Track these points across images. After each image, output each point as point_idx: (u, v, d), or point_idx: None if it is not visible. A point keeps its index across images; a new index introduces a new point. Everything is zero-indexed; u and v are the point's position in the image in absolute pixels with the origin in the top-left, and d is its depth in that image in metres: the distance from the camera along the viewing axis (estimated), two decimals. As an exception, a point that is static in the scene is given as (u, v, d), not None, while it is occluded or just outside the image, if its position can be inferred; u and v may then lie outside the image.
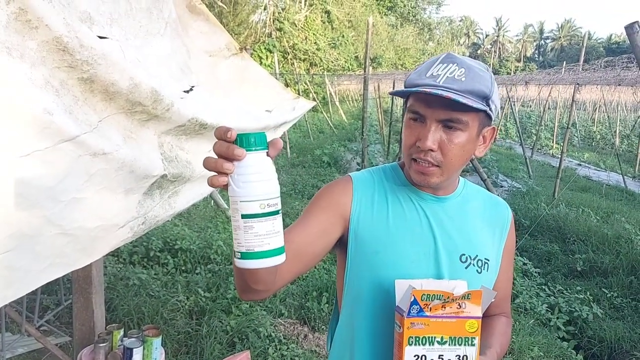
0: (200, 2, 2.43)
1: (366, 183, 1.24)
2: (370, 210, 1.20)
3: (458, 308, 1.01)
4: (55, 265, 1.22)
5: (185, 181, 1.77)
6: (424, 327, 1.01)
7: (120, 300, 3.79)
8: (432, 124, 1.08)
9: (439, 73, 1.07)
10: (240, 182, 0.80)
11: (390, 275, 1.14)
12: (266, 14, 25.28)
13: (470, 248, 1.21)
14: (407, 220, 1.19)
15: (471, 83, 1.06)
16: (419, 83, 1.08)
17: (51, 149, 1.12)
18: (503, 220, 1.29)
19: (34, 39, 1.10)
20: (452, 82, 1.05)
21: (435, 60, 1.12)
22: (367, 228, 1.19)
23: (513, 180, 10.41)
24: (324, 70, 25.87)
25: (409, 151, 1.13)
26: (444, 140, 1.09)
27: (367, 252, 1.18)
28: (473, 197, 1.29)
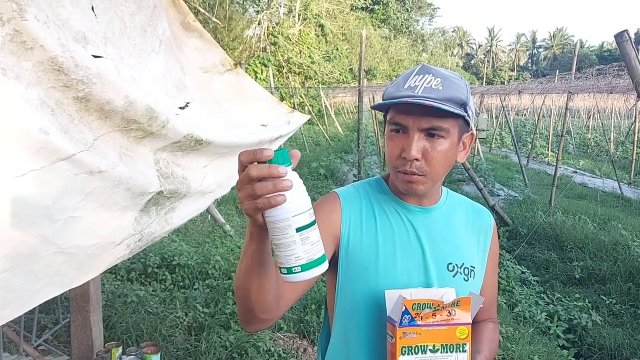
0: (194, 19, 2.45)
1: (352, 199, 1.25)
2: (359, 226, 1.21)
3: (448, 315, 1.02)
4: (52, 284, 1.23)
5: (181, 197, 1.78)
6: (416, 336, 1.02)
7: (119, 317, 3.76)
8: (415, 134, 1.10)
9: (417, 84, 1.09)
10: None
11: (381, 288, 1.16)
12: (260, 28, 25.48)
13: (456, 257, 1.23)
14: (395, 233, 1.21)
15: (448, 91, 1.09)
16: (397, 95, 1.10)
17: (47, 169, 1.13)
18: (486, 227, 1.32)
19: (29, 59, 1.12)
20: (429, 91, 1.08)
21: (411, 72, 1.14)
22: (357, 244, 1.20)
23: (509, 188, 10.44)
24: (318, 83, 26.02)
25: (394, 163, 1.14)
26: (427, 149, 1.11)
27: (358, 268, 1.19)
28: (456, 206, 1.31)
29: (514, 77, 71.69)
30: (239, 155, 0.82)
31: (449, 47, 78.25)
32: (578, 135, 21.42)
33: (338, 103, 30.77)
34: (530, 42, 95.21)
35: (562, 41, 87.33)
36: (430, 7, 57.96)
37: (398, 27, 46.97)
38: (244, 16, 24.63)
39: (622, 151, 16.63)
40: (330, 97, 26.02)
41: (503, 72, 78.70)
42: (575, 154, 17.89)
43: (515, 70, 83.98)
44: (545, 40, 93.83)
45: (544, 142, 18.23)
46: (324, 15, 28.48)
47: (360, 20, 35.53)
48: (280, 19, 26.87)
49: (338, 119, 25.60)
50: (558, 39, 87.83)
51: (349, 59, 30.47)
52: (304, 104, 20.59)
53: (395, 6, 45.80)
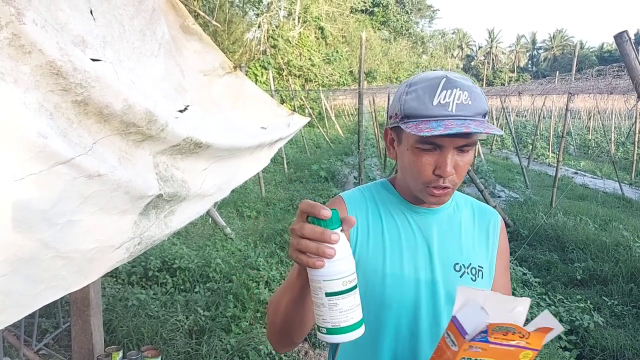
0: (193, 22, 2.45)
1: (358, 203, 1.26)
2: (366, 229, 1.22)
3: (521, 338, 0.97)
4: (51, 288, 1.22)
5: (181, 200, 1.78)
6: (481, 351, 0.97)
7: (119, 321, 3.76)
8: (450, 151, 1.09)
9: (447, 101, 1.07)
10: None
11: (388, 291, 1.17)
12: (260, 31, 25.51)
13: (463, 257, 1.23)
14: (401, 235, 1.22)
15: (475, 104, 1.08)
16: (428, 114, 1.07)
17: (46, 172, 1.12)
18: (493, 226, 1.32)
19: (27, 63, 1.12)
20: (462, 108, 1.07)
21: (435, 86, 1.09)
22: (364, 248, 1.21)
23: (510, 190, 10.43)
24: (319, 85, 26.05)
25: (425, 179, 1.13)
26: (458, 163, 1.12)
27: (366, 271, 1.19)
28: (463, 206, 1.31)
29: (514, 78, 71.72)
30: (301, 203, 0.85)
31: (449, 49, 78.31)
32: (579, 136, 21.41)
33: (338, 105, 30.78)
34: (530, 43, 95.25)
35: (562, 42, 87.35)
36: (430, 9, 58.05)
37: (398, 30, 47.02)
38: (243, 19, 24.65)
39: (623, 152, 16.61)
40: (331, 99, 26.04)
41: (503, 73, 78.74)
42: (576, 155, 17.88)
43: (515, 72, 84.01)
44: (545, 41, 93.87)
45: (545, 143, 18.22)
46: (323, 18, 28.52)
47: (360, 23, 35.58)
48: (280, 22, 26.90)
49: (338, 122, 25.62)
50: (558, 40, 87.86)
51: (349, 62, 30.50)
52: (304, 106, 20.60)
53: (395, 8, 45.87)
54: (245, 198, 8.39)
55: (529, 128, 21.20)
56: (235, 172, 2.36)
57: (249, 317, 4.05)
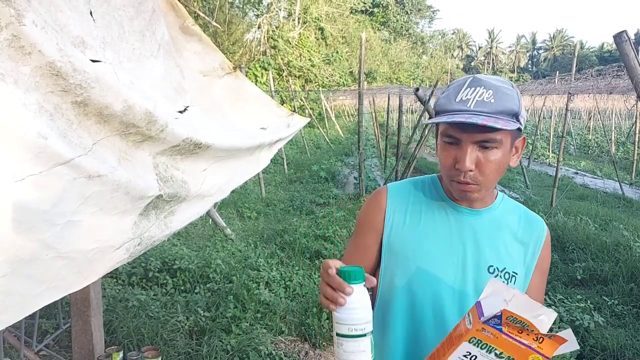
0: (193, 23, 2.46)
1: (402, 194, 1.32)
2: (402, 219, 1.28)
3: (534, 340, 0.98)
4: (51, 289, 1.23)
5: (181, 201, 1.78)
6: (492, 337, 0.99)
7: (120, 322, 3.76)
8: (468, 146, 1.12)
9: (469, 97, 1.11)
10: (338, 307, 0.98)
11: (418, 280, 1.24)
12: (260, 32, 25.51)
13: (499, 260, 1.26)
14: (437, 230, 1.26)
15: (500, 103, 1.10)
16: (449, 109, 1.13)
17: (46, 173, 1.13)
18: (537, 237, 1.31)
19: (27, 64, 1.12)
20: (482, 105, 1.10)
21: (462, 83, 1.15)
22: (398, 236, 1.28)
23: (511, 190, 10.42)
24: (319, 86, 26.04)
25: (448, 173, 1.18)
26: (480, 159, 1.14)
27: (399, 258, 1.27)
28: (509, 211, 1.32)
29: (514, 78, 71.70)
30: (327, 263, 1.02)
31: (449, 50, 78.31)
32: (579, 136, 21.41)
33: (338, 106, 30.79)
34: (530, 43, 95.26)
35: (562, 42, 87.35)
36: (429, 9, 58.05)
37: (398, 30, 47.02)
38: (243, 20, 24.66)
39: (623, 152, 16.61)
40: (331, 100, 26.04)
41: (503, 73, 78.72)
42: (576, 155, 17.87)
43: (515, 72, 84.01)
44: (545, 41, 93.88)
45: (545, 143, 18.22)
46: (323, 19, 28.51)
47: (360, 23, 35.58)
48: (280, 22, 26.90)
49: (338, 122, 25.62)
50: (558, 40, 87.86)
51: (349, 62, 30.50)
52: (304, 107, 20.61)
53: (394, 9, 45.87)
54: (245, 199, 8.39)
55: (529, 128, 21.18)
56: (235, 172, 2.36)
57: (250, 318, 4.05)
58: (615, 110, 21.09)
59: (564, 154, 9.95)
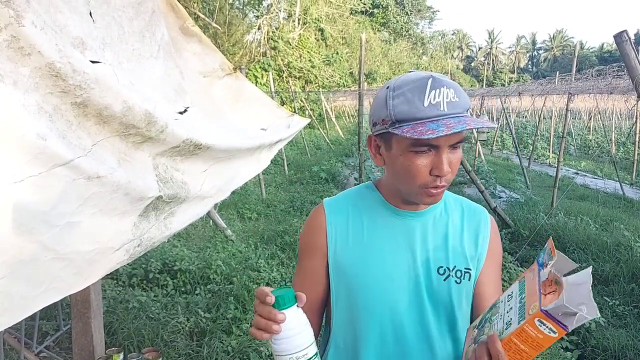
0: (193, 24, 2.46)
1: (340, 210, 1.26)
2: (345, 236, 1.23)
3: (549, 285, 0.93)
4: (51, 290, 1.22)
5: (181, 202, 1.78)
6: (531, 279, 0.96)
7: (120, 323, 3.76)
8: (445, 150, 1.09)
9: (438, 100, 1.06)
10: (274, 338, 0.94)
11: (371, 295, 1.19)
12: (260, 33, 25.53)
13: (448, 260, 1.22)
14: (383, 240, 1.22)
15: (463, 100, 1.08)
16: (422, 116, 1.06)
17: (45, 174, 1.12)
18: (483, 227, 1.29)
19: (26, 65, 1.12)
20: (453, 106, 1.06)
21: (423, 86, 1.07)
22: (344, 254, 1.22)
23: (511, 190, 10.41)
24: (319, 87, 26.05)
25: (422, 181, 1.11)
26: (451, 160, 1.10)
27: (349, 278, 1.21)
28: (452, 207, 1.30)
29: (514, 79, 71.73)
30: (259, 291, 0.98)
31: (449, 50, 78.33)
32: (579, 136, 21.40)
33: (339, 107, 30.80)
34: (530, 44, 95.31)
35: (562, 43, 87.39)
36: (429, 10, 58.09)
37: (398, 31, 47.03)
38: (243, 21, 24.69)
39: (624, 152, 16.60)
40: (331, 100, 26.04)
41: (503, 74, 78.75)
42: (577, 155, 17.87)
43: (515, 72, 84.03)
44: (545, 42, 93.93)
45: (545, 143, 18.21)
46: (323, 20, 28.52)
47: (360, 24, 35.59)
48: (280, 23, 26.92)
49: (339, 123, 25.62)
50: (558, 41, 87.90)
51: (349, 63, 30.51)
52: (304, 108, 20.61)
53: (394, 10, 45.88)
54: (245, 200, 8.38)
55: (529, 128, 21.19)
56: (235, 173, 2.36)
57: (250, 319, 4.04)
58: (616, 111, 21.09)
59: (564, 155, 9.95)
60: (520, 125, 22.19)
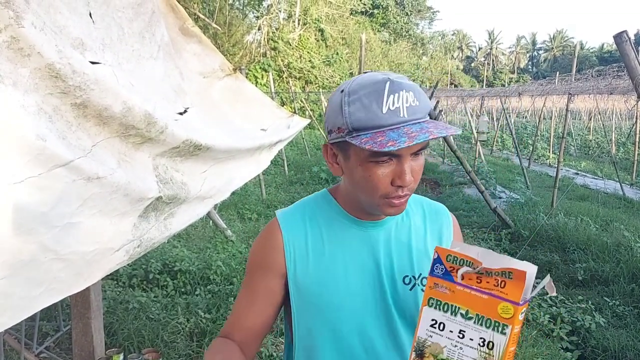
0: (193, 24, 2.46)
1: (296, 224, 1.17)
2: (305, 254, 1.14)
3: (495, 285, 0.86)
4: (50, 291, 1.22)
5: (180, 202, 1.78)
6: (448, 292, 0.89)
7: (120, 324, 3.76)
8: (407, 159, 1.02)
9: (397, 106, 0.97)
10: None
11: (338, 316, 1.13)
12: (260, 34, 25.55)
13: (413, 268, 1.17)
14: (346, 254, 1.15)
15: (423, 104, 1.01)
16: (381, 123, 0.97)
17: (45, 175, 1.12)
18: (446, 226, 1.25)
19: (26, 66, 1.12)
20: (413, 111, 0.98)
21: (380, 91, 0.98)
22: (305, 273, 1.14)
23: (511, 191, 10.41)
24: (319, 87, 26.05)
25: (384, 191, 1.04)
26: (414, 168, 1.04)
27: (311, 298, 1.14)
28: (413, 209, 1.25)
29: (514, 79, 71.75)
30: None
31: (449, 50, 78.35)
32: (579, 136, 21.41)
33: (339, 107, 30.76)
34: (530, 44, 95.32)
35: (562, 43, 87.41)
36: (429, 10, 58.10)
37: (398, 31, 47.02)
38: (243, 22, 24.71)
39: (624, 152, 16.61)
40: (331, 101, 26.02)
41: (503, 74, 78.76)
42: (577, 156, 17.87)
43: (515, 73, 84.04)
44: (545, 42, 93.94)
45: (545, 144, 18.21)
46: (323, 20, 28.54)
47: (360, 25, 35.58)
48: (280, 24, 26.94)
49: (339, 123, 25.57)
50: (558, 41, 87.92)
51: (349, 63, 30.51)
52: (304, 108, 20.61)
53: (394, 10, 45.87)
54: (245, 200, 8.39)
55: (529, 129, 21.20)
56: (235, 174, 2.36)
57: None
58: (616, 111, 21.09)
59: (564, 155, 9.95)
60: (520, 126, 22.20)
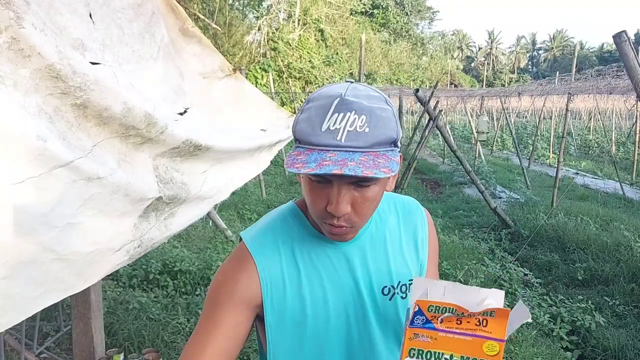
0: (193, 25, 2.46)
1: (269, 252, 1.08)
2: (282, 283, 1.07)
3: (477, 325, 0.86)
4: (51, 291, 1.23)
5: (180, 203, 1.78)
6: (430, 340, 0.87)
7: (120, 324, 3.76)
8: (342, 187, 0.93)
9: (337, 127, 0.89)
10: None
11: (319, 338, 1.08)
12: (260, 34, 25.57)
13: (391, 278, 1.12)
14: (322, 276, 1.08)
15: (376, 132, 0.90)
16: (315, 141, 0.90)
17: (45, 175, 1.13)
18: (421, 226, 1.20)
19: (26, 67, 1.12)
20: (355, 137, 0.88)
21: (327, 105, 0.91)
22: (283, 304, 1.07)
23: (511, 191, 10.41)
24: (319, 87, 26.02)
25: (318, 214, 0.99)
26: (357, 199, 0.95)
27: (290, 327, 1.08)
28: (386, 212, 1.19)
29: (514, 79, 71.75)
30: None
31: (449, 50, 78.35)
32: (579, 136, 21.41)
33: (339, 107, 30.79)
34: (530, 44, 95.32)
35: (562, 43, 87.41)
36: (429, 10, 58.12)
37: (398, 31, 47.05)
38: (243, 22, 24.72)
39: (624, 152, 16.61)
40: (331, 101, 26.05)
41: (503, 74, 78.77)
42: (577, 156, 17.86)
43: (515, 73, 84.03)
44: (545, 42, 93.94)
45: (545, 144, 18.21)
46: (323, 20, 28.57)
47: (360, 25, 35.61)
48: (280, 24, 26.96)
49: (339, 123, 25.59)
50: (558, 41, 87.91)
51: (349, 63, 30.53)
52: (304, 108, 20.59)
53: (394, 10, 45.91)
54: (245, 200, 8.39)
55: (529, 129, 21.20)
56: (235, 174, 2.37)
57: (250, 320, 4.05)
58: (616, 111, 21.08)
59: (564, 155, 9.95)
60: (520, 126, 22.21)
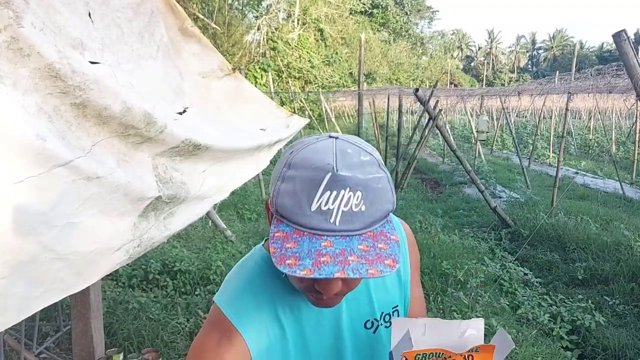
0: (192, 24, 2.46)
1: (254, 320, 0.98)
2: (270, 349, 0.99)
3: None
4: (51, 291, 1.22)
5: (180, 202, 1.78)
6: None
7: (120, 324, 3.76)
8: (330, 279, 0.86)
9: (330, 207, 0.78)
10: None
11: None
12: (260, 34, 25.58)
13: (374, 312, 1.07)
14: (303, 327, 1.02)
15: (373, 208, 0.81)
16: (305, 223, 0.79)
17: (45, 175, 1.13)
18: (401, 245, 1.13)
19: (26, 66, 1.12)
20: (350, 219, 0.79)
21: (317, 181, 0.79)
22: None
23: (511, 190, 10.41)
24: (318, 87, 26.07)
25: (304, 291, 0.92)
26: (347, 281, 0.89)
27: None
28: None
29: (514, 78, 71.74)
30: None
31: (449, 50, 78.37)
32: (579, 136, 21.40)
33: (338, 107, 30.81)
34: (530, 43, 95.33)
35: (562, 42, 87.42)
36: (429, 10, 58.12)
37: (397, 31, 47.04)
38: (243, 22, 24.73)
39: (624, 151, 16.61)
40: (331, 101, 26.06)
41: (503, 74, 78.81)
42: (577, 155, 17.86)
43: (515, 72, 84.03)
44: (545, 41, 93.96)
45: (545, 143, 18.21)
46: (323, 20, 28.57)
47: (360, 24, 35.61)
48: (279, 24, 26.96)
49: (338, 123, 25.62)
50: (558, 40, 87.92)
51: (348, 63, 30.53)
52: (304, 108, 20.63)
53: (394, 10, 45.90)
54: (245, 200, 8.39)
55: (529, 128, 21.20)
56: (234, 173, 2.36)
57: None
58: (616, 110, 21.08)
59: (564, 154, 9.95)
60: (520, 125, 22.21)
